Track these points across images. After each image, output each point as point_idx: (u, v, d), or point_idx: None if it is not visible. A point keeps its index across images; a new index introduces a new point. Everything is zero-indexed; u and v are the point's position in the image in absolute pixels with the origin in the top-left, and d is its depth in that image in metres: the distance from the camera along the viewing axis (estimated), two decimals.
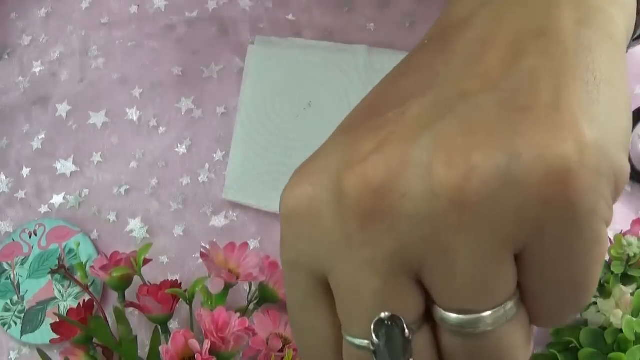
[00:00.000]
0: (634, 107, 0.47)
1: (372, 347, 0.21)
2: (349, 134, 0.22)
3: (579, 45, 0.21)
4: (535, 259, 0.20)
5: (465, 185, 0.19)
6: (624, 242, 0.39)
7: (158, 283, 0.41)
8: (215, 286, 0.40)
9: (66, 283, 0.45)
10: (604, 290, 0.39)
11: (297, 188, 0.22)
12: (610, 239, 0.41)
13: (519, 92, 0.20)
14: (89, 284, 0.44)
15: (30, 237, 0.46)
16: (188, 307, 0.42)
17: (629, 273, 0.39)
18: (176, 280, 0.42)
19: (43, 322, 0.44)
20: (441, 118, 0.20)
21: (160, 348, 0.38)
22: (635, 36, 0.27)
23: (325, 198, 0.21)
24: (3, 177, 0.48)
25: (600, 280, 0.40)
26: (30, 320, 0.45)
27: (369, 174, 0.20)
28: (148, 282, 0.42)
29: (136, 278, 0.42)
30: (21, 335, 0.44)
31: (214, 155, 0.47)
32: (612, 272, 0.40)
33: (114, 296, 0.44)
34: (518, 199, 0.19)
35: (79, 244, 0.45)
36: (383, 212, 0.20)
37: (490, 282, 0.20)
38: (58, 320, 0.41)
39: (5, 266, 0.46)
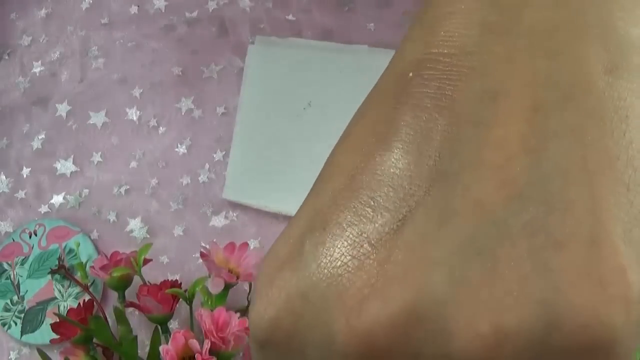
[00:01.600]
0: None
1: None
2: (325, 228, 0.17)
3: (614, 113, 0.16)
4: None
5: (495, 357, 0.15)
6: None
7: (158, 283, 0.41)
8: (215, 286, 0.40)
9: (66, 283, 0.45)
10: None
11: (270, 311, 0.17)
12: None
13: (549, 210, 0.16)
14: (89, 284, 0.44)
15: (30, 237, 0.46)
16: (188, 307, 0.42)
17: None
18: (176, 280, 0.42)
19: (43, 322, 0.44)
20: (455, 250, 0.16)
21: (160, 348, 0.38)
22: None
23: (312, 340, 0.17)
24: (3, 177, 0.48)
25: None
26: (30, 320, 0.45)
27: (372, 332, 0.16)
28: (148, 282, 0.42)
29: (136, 278, 0.42)
30: (21, 335, 0.44)
31: (214, 155, 0.47)
32: None
33: (114, 296, 0.44)
34: None
35: (79, 244, 0.45)
36: None
37: None
38: (58, 320, 0.41)
39: (5, 266, 0.46)
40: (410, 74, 0.18)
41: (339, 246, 0.17)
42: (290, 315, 0.17)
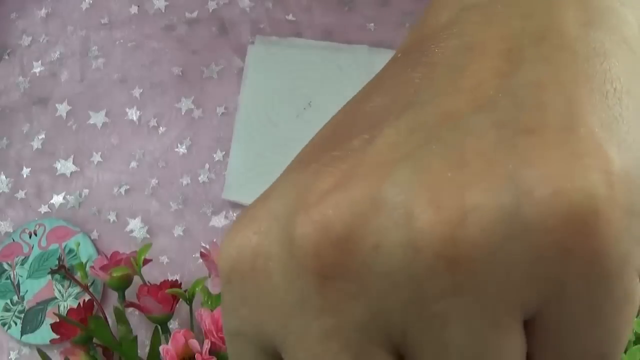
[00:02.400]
0: None
1: None
2: (305, 167, 0.17)
3: (590, 50, 0.16)
4: (552, 326, 0.15)
5: (459, 235, 0.14)
6: None
7: (158, 283, 0.41)
8: (215, 286, 0.40)
9: (66, 283, 0.45)
10: None
11: (239, 237, 0.17)
12: None
13: (521, 109, 0.15)
14: (89, 284, 0.44)
15: (30, 237, 0.46)
16: (188, 307, 0.42)
17: None
18: (176, 280, 0.42)
19: (43, 322, 0.44)
20: (422, 146, 0.15)
21: (160, 348, 0.38)
22: None
23: (274, 251, 0.16)
24: (3, 177, 0.48)
25: None
26: (30, 320, 0.45)
27: (329, 219, 0.15)
28: (148, 282, 0.42)
29: (136, 278, 0.42)
30: (21, 335, 0.44)
31: (214, 155, 0.47)
32: None
33: (114, 296, 0.44)
34: (530, 251, 0.14)
35: (79, 244, 0.45)
36: (349, 270, 0.15)
37: (493, 358, 0.15)
38: (58, 320, 0.41)
39: (5, 266, 0.46)
40: (399, 55, 0.19)
41: (311, 170, 0.16)
42: (255, 234, 0.16)
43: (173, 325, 0.44)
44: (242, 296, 0.17)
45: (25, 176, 0.48)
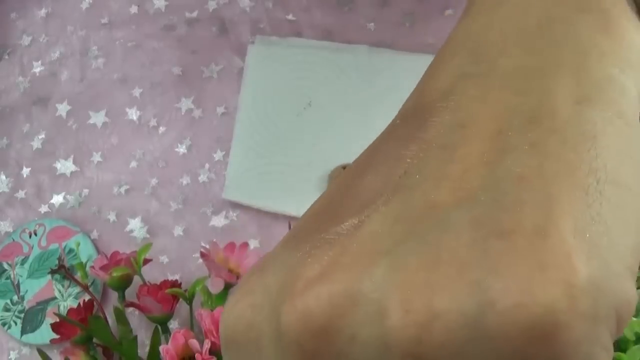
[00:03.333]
0: None
1: None
2: (298, 245, 0.18)
3: (579, 134, 0.17)
4: None
5: (425, 337, 0.15)
6: None
7: (158, 283, 0.41)
8: (215, 286, 0.40)
9: (66, 283, 0.45)
10: None
11: (236, 308, 0.18)
12: None
13: (498, 207, 0.16)
14: (89, 284, 0.44)
15: (30, 237, 0.46)
16: (188, 307, 0.42)
17: None
18: (176, 280, 0.42)
19: (43, 322, 0.44)
20: (403, 241, 0.16)
21: (160, 348, 0.38)
22: None
23: (265, 328, 0.17)
24: (3, 177, 0.48)
25: None
26: (30, 320, 0.45)
27: (310, 310, 0.16)
28: (148, 282, 0.42)
29: (136, 278, 0.42)
30: (21, 335, 0.44)
31: (214, 155, 0.47)
32: None
33: (114, 296, 0.44)
34: (489, 354, 0.15)
35: (79, 244, 0.45)
36: (328, 357, 0.16)
37: None
38: (58, 320, 0.41)
39: (5, 266, 0.46)
40: (398, 121, 0.20)
41: (301, 249, 0.18)
42: (250, 308, 0.18)
43: (173, 325, 0.44)
44: None
45: (25, 176, 0.48)
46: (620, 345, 0.37)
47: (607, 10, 0.20)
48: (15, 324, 0.45)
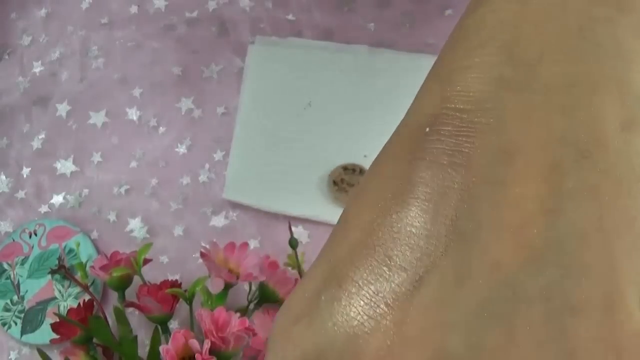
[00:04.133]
0: None
1: None
2: (340, 281, 0.17)
3: (631, 173, 0.16)
4: None
5: None
6: None
7: (158, 283, 0.41)
8: (215, 286, 0.40)
9: (66, 283, 0.45)
10: None
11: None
12: None
13: (565, 274, 0.16)
14: (89, 284, 0.44)
15: (30, 237, 0.46)
16: (188, 307, 0.42)
17: None
18: (176, 280, 0.42)
19: (43, 322, 0.44)
20: (472, 312, 0.16)
21: (160, 348, 0.38)
22: None
23: None
24: (3, 177, 0.48)
25: None
26: (30, 320, 0.45)
27: None
28: (148, 282, 0.42)
29: (136, 278, 0.42)
30: (21, 335, 0.44)
31: (214, 155, 0.47)
32: None
33: (114, 296, 0.44)
34: None
35: (79, 244, 0.45)
36: None
37: None
38: (58, 320, 0.41)
39: (5, 266, 0.46)
40: (427, 129, 0.18)
41: (355, 305, 0.16)
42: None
43: (173, 325, 0.44)
44: None
45: (25, 176, 0.48)
46: None
47: None
48: (15, 324, 0.45)
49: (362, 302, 0.16)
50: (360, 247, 0.17)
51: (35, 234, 0.46)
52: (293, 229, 0.43)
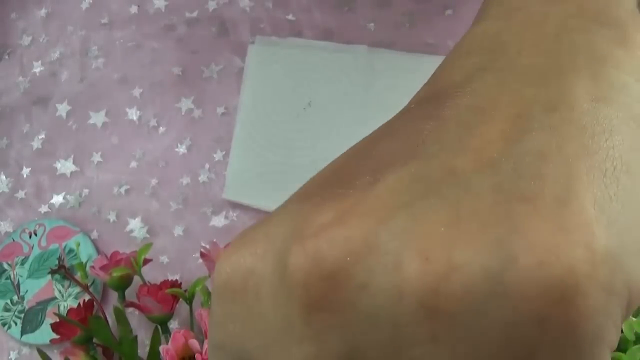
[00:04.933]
0: None
1: None
2: (306, 199, 0.18)
3: (596, 126, 0.17)
4: None
5: (443, 288, 0.15)
6: None
7: (158, 283, 0.41)
8: None
9: (66, 283, 0.45)
10: None
11: (235, 256, 0.17)
12: None
13: (521, 176, 0.16)
14: (89, 284, 0.44)
15: (30, 237, 0.46)
16: (188, 307, 0.42)
17: None
18: (176, 280, 0.42)
19: (43, 322, 0.44)
20: (423, 197, 0.16)
21: (160, 348, 0.38)
22: None
23: (267, 275, 0.17)
24: (3, 177, 0.48)
25: None
26: (30, 320, 0.45)
27: (322, 253, 0.16)
28: (148, 282, 0.42)
29: (136, 278, 0.42)
30: (21, 335, 0.44)
31: (214, 155, 0.47)
32: None
33: (114, 296, 0.44)
34: (508, 314, 0.15)
35: (79, 244, 0.45)
36: (335, 304, 0.16)
37: None
38: (58, 320, 0.41)
39: (5, 266, 0.46)
40: (412, 106, 0.20)
41: (312, 201, 0.17)
42: (250, 255, 0.17)
43: (173, 325, 0.44)
44: (231, 312, 0.17)
45: (25, 176, 0.48)
46: (620, 345, 0.37)
47: (624, 25, 0.20)
48: (15, 324, 0.45)
49: (319, 198, 0.17)
50: (330, 171, 0.19)
51: (35, 234, 0.46)
52: None
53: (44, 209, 0.47)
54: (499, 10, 0.21)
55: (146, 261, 0.42)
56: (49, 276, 0.45)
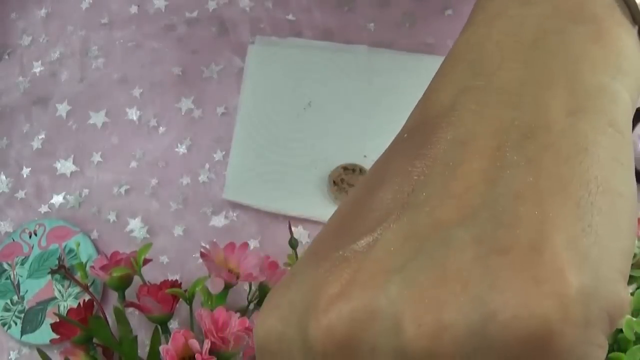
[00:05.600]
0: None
1: None
2: (318, 261, 0.20)
3: (572, 147, 0.18)
4: None
5: (436, 348, 0.17)
6: None
7: (158, 283, 0.41)
8: (215, 286, 0.40)
9: (66, 283, 0.45)
10: None
11: (268, 321, 0.20)
12: None
13: (498, 224, 0.18)
14: (89, 284, 0.44)
15: (30, 237, 0.46)
16: (188, 307, 0.42)
17: (629, 273, 0.39)
18: (176, 280, 0.42)
19: (43, 322, 0.44)
20: (413, 258, 0.18)
21: (160, 348, 0.38)
22: None
23: (295, 339, 0.19)
24: (3, 177, 0.48)
25: None
26: (30, 320, 0.45)
27: (333, 326, 0.18)
28: (148, 282, 0.42)
29: (136, 278, 0.42)
30: (21, 335, 0.44)
31: (214, 155, 0.47)
32: None
33: (114, 296, 0.44)
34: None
35: (79, 244, 0.45)
36: None
37: None
38: (58, 320, 0.41)
39: (5, 266, 0.46)
40: (405, 135, 0.22)
41: (322, 265, 0.20)
42: (280, 322, 0.20)
43: (173, 325, 0.44)
44: None
45: (25, 176, 0.48)
46: (620, 345, 0.37)
47: (600, 20, 0.21)
48: (15, 324, 0.45)
49: (327, 264, 0.19)
50: (335, 224, 0.21)
51: (35, 234, 0.46)
52: (293, 229, 0.43)
53: (44, 209, 0.47)
54: (483, 17, 0.23)
55: (146, 261, 0.42)
56: (49, 276, 0.45)
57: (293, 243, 0.42)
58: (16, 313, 0.45)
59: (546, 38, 0.21)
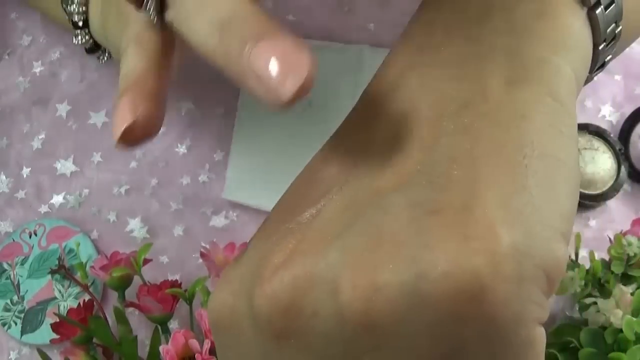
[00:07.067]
0: (634, 107, 0.47)
1: None
2: (267, 236, 0.21)
3: (509, 114, 0.19)
4: None
5: (370, 309, 0.17)
6: (624, 242, 0.39)
7: (158, 283, 0.41)
8: (215, 286, 0.40)
9: (66, 283, 0.45)
10: (604, 290, 0.39)
11: (220, 295, 0.21)
12: (610, 239, 0.41)
13: (432, 189, 0.18)
14: (89, 284, 0.44)
15: (30, 237, 0.46)
16: (188, 307, 0.42)
17: (629, 273, 0.39)
18: (176, 280, 0.42)
19: (43, 322, 0.44)
20: (351, 225, 0.19)
21: (160, 348, 0.38)
22: (596, 68, 0.24)
23: (244, 311, 0.20)
24: (3, 177, 0.48)
25: (600, 280, 0.40)
26: (30, 320, 0.45)
27: (276, 293, 0.19)
28: (148, 282, 0.42)
29: (136, 278, 0.42)
30: (21, 335, 0.44)
31: (214, 155, 0.47)
32: (612, 272, 0.40)
33: (114, 296, 0.44)
34: (429, 317, 0.17)
35: (79, 244, 0.45)
36: (296, 331, 0.19)
37: None
38: (58, 320, 0.41)
39: (5, 266, 0.46)
40: (355, 111, 0.23)
41: (270, 239, 0.20)
42: (231, 295, 0.20)
43: (173, 325, 0.44)
44: (225, 343, 0.21)
45: (25, 176, 0.48)
46: (620, 345, 0.37)
47: None
48: (15, 324, 0.45)
49: (275, 237, 0.20)
50: (285, 202, 0.22)
51: (35, 234, 0.46)
52: None
53: (44, 209, 0.47)
54: None
55: (146, 261, 0.42)
56: (49, 276, 0.45)
57: None
58: (16, 313, 0.45)
59: (490, 14, 0.21)
